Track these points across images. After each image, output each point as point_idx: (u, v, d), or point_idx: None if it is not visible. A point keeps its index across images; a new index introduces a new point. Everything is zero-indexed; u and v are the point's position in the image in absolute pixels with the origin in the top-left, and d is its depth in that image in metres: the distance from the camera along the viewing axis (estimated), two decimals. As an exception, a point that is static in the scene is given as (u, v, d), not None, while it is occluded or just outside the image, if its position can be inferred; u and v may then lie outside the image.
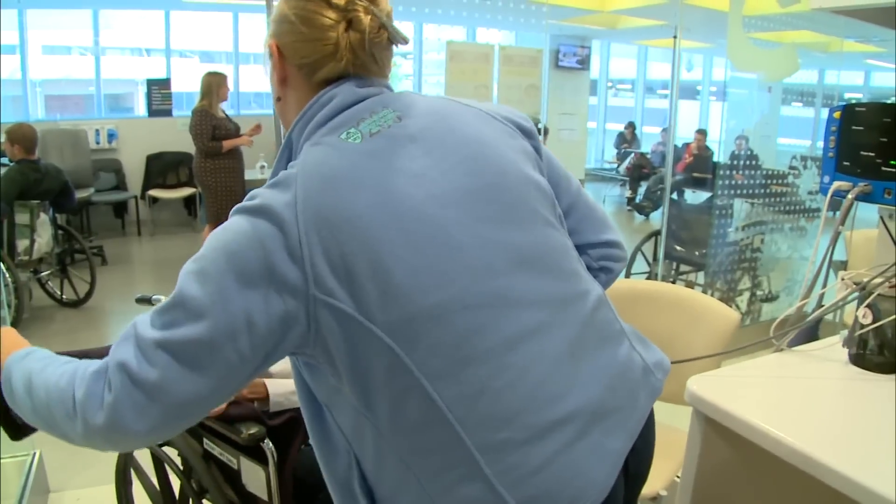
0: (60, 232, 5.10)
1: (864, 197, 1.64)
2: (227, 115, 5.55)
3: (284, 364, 1.12)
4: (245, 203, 0.96)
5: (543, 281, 1.03)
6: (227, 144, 5.40)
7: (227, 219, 0.97)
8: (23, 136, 4.69)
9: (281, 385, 1.82)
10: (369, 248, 0.91)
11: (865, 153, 1.62)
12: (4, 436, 1.48)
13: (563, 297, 1.05)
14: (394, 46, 1.11)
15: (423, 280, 0.93)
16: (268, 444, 1.66)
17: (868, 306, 1.55)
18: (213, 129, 5.31)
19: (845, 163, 1.67)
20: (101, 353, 0.94)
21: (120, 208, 7.66)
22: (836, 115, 1.68)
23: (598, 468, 1.01)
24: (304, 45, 1.05)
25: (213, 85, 5.36)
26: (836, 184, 1.68)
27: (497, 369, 0.95)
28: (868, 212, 1.83)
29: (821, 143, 1.80)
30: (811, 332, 1.77)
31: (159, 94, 7.68)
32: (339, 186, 0.93)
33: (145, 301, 2.16)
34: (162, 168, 7.76)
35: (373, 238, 0.91)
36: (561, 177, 1.18)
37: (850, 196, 1.64)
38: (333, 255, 0.90)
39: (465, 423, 0.94)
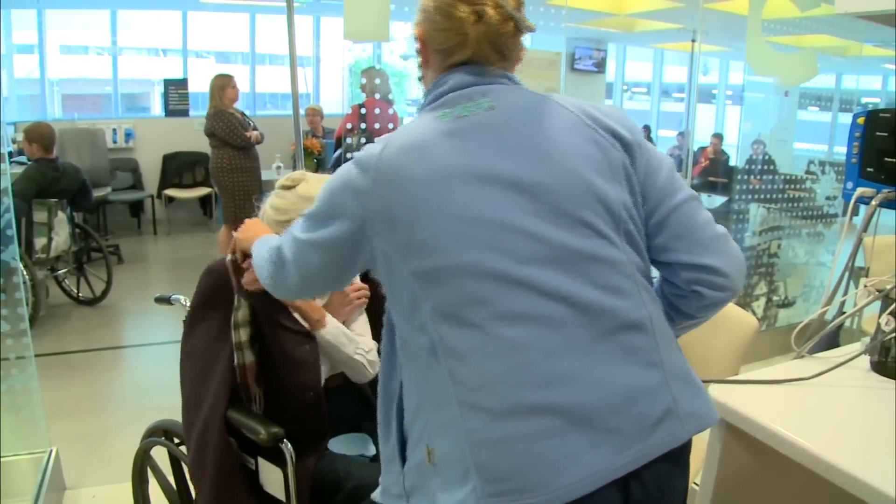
0: (77, 230, 5.13)
1: (888, 203, 1.63)
2: (242, 113, 5.57)
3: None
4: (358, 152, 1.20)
5: (570, 283, 1.08)
6: (254, 137, 5.50)
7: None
8: (41, 135, 4.72)
9: (338, 327, 1.90)
10: (412, 207, 1.09)
11: (889, 159, 1.61)
12: (22, 433, 1.49)
13: (585, 305, 1.07)
14: (521, 35, 1.22)
15: (442, 242, 1.08)
16: (286, 445, 1.66)
17: (891, 314, 1.54)
18: (239, 125, 5.36)
19: (869, 169, 1.66)
20: None
21: (136, 207, 7.71)
22: (860, 120, 1.67)
23: (562, 473, 1.02)
24: (440, 34, 1.19)
25: (216, 88, 5.41)
26: (860, 190, 1.66)
27: (489, 338, 1.05)
28: (887, 218, 1.82)
29: (837, 148, 1.78)
30: (832, 339, 1.75)
31: (176, 94, 7.72)
32: (411, 153, 1.11)
33: (164, 300, 2.17)
34: (178, 168, 7.80)
35: (417, 199, 1.09)
36: (656, 192, 1.18)
37: (873, 203, 1.63)
38: (387, 203, 1.10)
39: (454, 375, 1.07)
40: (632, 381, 1.08)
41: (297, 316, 1.83)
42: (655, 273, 1.25)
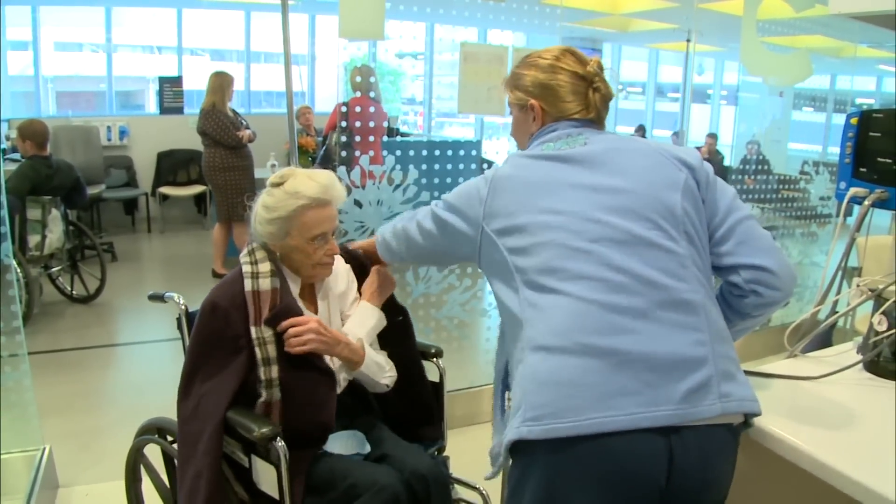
0: (71, 228, 5.11)
1: (881, 204, 1.63)
2: (235, 112, 5.57)
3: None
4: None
5: (631, 260, 1.30)
6: (245, 136, 5.49)
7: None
8: (34, 132, 4.70)
9: (371, 357, 1.96)
10: (514, 201, 1.42)
11: (882, 160, 1.62)
12: (15, 430, 1.48)
13: (644, 278, 1.29)
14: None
15: (531, 228, 1.37)
16: (280, 444, 1.66)
17: (883, 313, 1.55)
18: (231, 124, 5.35)
19: (862, 169, 1.66)
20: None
21: (130, 205, 7.69)
22: (853, 121, 1.67)
23: (595, 406, 1.20)
24: (566, 105, 1.55)
25: (216, 85, 5.39)
26: (853, 190, 1.67)
27: (560, 294, 1.30)
28: (879, 217, 1.83)
29: (832, 149, 1.80)
30: (824, 339, 1.76)
31: (171, 91, 7.71)
32: (518, 167, 1.48)
33: (158, 298, 2.16)
34: (172, 165, 7.78)
35: (519, 196, 1.42)
36: (721, 207, 1.44)
37: (866, 203, 1.64)
38: (496, 203, 1.44)
39: (529, 325, 1.32)
40: (677, 350, 1.24)
41: (327, 359, 1.86)
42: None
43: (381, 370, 1.97)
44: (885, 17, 1.66)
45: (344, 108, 3.66)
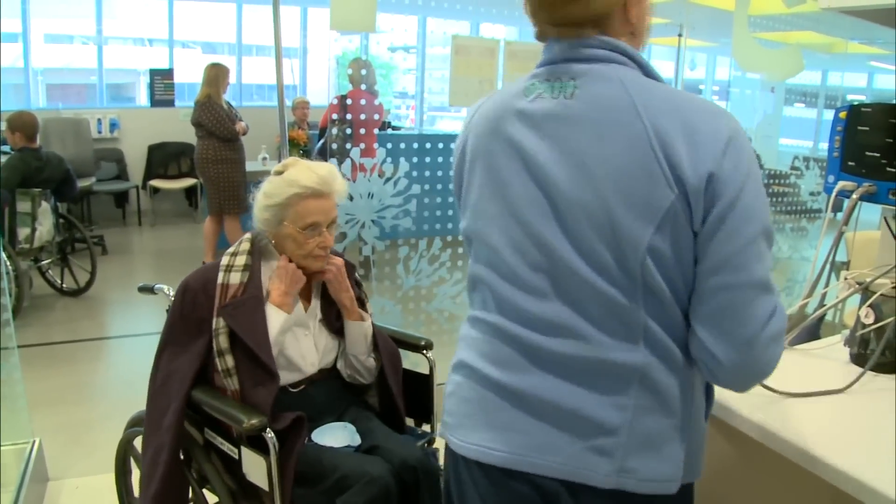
0: (61, 221, 5.09)
1: (869, 197, 1.64)
2: (229, 105, 5.55)
3: None
4: None
5: (558, 300, 1.08)
6: (240, 128, 5.49)
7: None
8: (23, 124, 4.67)
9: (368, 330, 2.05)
10: None
11: (871, 153, 1.62)
12: (4, 423, 1.48)
13: (566, 328, 1.07)
14: None
15: (472, 210, 1.18)
16: (269, 435, 1.66)
17: (870, 306, 1.56)
18: (226, 116, 5.35)
19: (850, 163, 1.67)
20: None
21: (121, 198, 7.65)
22: (842, 115, 1.68)
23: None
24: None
25: (212, 77, 5.37)
26: (841, 183, 1.68)
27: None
28: (868, 213, 1.83)
29: (823, 144, 1.80)
30: (812, 332, 1.77)
31: (162, 84, 7.67)
32: None
33: (148, 290, 2.17)
34: (163, 158, 7.74)
35: None
36: (716, 257, 1.00)
37: (854, 196, 1.64)
38: None
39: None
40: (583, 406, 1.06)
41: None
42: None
43: (370, 350, 2.02)
44: (875, 12, 1.67)
45: (349, 101, 3.66)
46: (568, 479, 1.07)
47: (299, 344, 1.93)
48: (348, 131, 3.05)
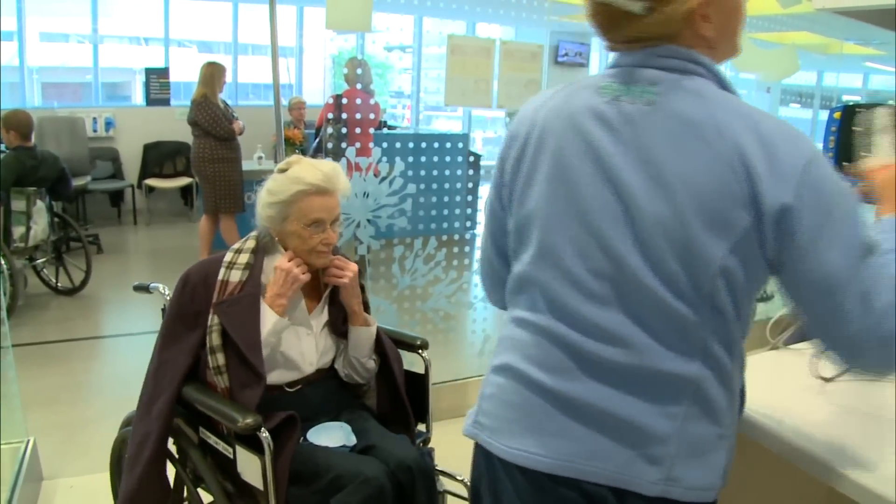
0: (56, 219, 5.08)
1: (863, 198, 1.64)
2: (225, 104, 5.54)
3: None
4: None
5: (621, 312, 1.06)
6: (237, 127, 5.48)
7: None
8: (18, 123, 4.67)
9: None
10: None
11: (865, 154, 1.62)
12: (0, 424, 1.48)
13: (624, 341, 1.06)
14: None
15: (532, 206, 1.15)
16: (264, 434, 1.66)
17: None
18: (223, 115, 5.34)
19: (844, 163, 1.67)
20: None
21: (116, 197, 7.64)
22: (837, 115, 1.69)
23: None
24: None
25: (208, 76, 5.36)
26: (835, 184, 1.68)
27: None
28: (865, 213, 1.83)
29: (818, 145, 1.79)
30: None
31: (157, 83, 7.67)
32: None
33: (143, 289, 2.16)
34: (159, 157, 7.74)
35: None
36: (795, 269, 1.02)
37: (848, 196, 1.64)
38: None
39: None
40: (620, 407, 1.06)
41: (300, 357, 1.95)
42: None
43: (371, 351, 2.03)
44: (868, 13, 1.67)
45: (345, 100, 3.66)
46: (616, 486, 1.07)
47: (300, 343, 1.93)
48: (343, 130, 3.05)
